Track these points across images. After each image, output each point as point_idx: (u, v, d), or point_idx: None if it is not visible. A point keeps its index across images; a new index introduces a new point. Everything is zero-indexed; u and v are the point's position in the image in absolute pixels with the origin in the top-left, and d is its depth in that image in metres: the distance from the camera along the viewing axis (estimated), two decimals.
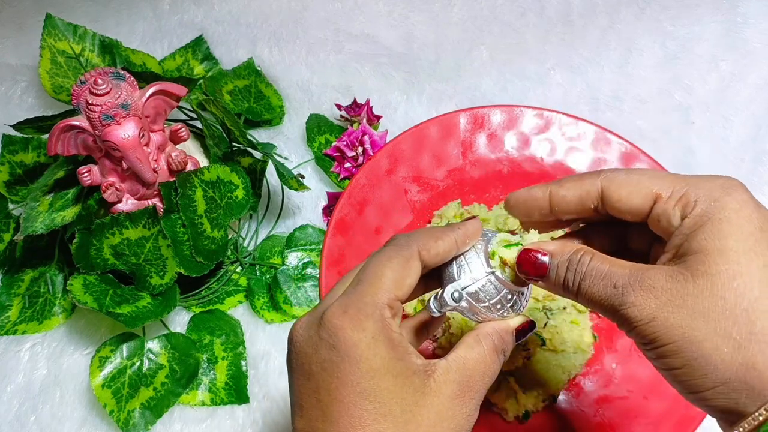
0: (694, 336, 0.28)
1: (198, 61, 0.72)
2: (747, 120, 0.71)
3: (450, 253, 0.36)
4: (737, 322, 0.28)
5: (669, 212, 0.31)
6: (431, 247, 0.35)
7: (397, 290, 0.33)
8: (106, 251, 0.55)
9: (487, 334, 0.35)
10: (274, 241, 0.64)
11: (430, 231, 0.35)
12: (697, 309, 0.29)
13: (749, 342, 0.28)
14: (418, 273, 0.34)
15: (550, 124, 0.63)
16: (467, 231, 0.36)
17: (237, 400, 0.58)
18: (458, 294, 0.35)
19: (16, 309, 0.60)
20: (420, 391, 0.32)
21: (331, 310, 0.32)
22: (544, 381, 0.54)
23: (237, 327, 0.60)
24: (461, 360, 0.34)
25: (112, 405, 0.55)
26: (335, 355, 0.31)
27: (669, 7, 0.77)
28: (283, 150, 0.69)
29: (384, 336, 0.32)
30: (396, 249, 0.34)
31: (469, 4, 0.78)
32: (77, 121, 0.52)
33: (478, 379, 0.34)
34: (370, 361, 0.31)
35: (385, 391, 0.31)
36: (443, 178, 0.63)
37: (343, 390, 0.31)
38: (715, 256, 0.29)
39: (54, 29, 0.65)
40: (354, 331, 0.31)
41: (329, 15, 0.77)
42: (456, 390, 0.32)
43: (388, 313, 0.32)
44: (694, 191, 0.31)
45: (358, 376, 0.31)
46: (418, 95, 0.73)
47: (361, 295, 0.32)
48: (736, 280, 0.28)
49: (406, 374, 0.32)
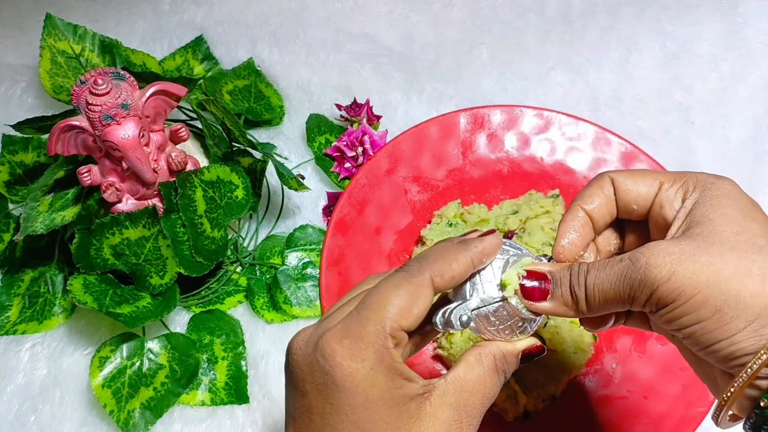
0: (719, 279, 0.29)
1: (198, 61, 0.72)
2: (747, 120, 0.71)
3: (465, 275, 0.34)
4: (756, 260, 0.29)
5: (671, 197, 0.34)
6: (446, 271, 0.33)
7: (402, 320, 0.31)
8: (106, 251, 0.55)
9: (490, 353, 0.34)
10: (274, 241, 0.64)
11: (443, 252, 0.34)
12: (714, 255, 0.30)
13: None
14: (429, 302, 0.33)
15: (550, 124, 0.63)
16: (485, 249, 0.34)
17: (237, 400, 0.58)
18: (467, 318, 0.33)
19: (16, 309, 0.60)
20: (415, 418, 0.31)
21: (330, 332, 0.31)
22: (544, 381, 0.54)
23: (237, 327, 0.60)
24: (459, 381, 0.33)
25: (112, 405, 0.55)
26: (330, 381, 0.31)
27: (669, 7, 0.77)
28: (283, 150, 0.69)
29: (384, 366, 0.31)
30: (407, 276, 0.32)
31: (469, 4, 0.78)
32: (77, 121, 0.52)
33: (476, 402, 0.33)
34: (366, 393, 0.30)
35: (379, 422, 0.30)
36: (443, 178, 0.63)
37: (336, 417, 0.31)
38: (719, 220, 0.31)
39: (54, 29, 0.65)
40: (352, 361, 0.30)
41: (329, 15, 0.77)
42: (453, 415, 0.32)
43: (390, 343, 0.31)
44: (692, 179, 0.34)
45: (352, 407, 0.30)
46: (418, 95, 0.73)
47: (363, 322, 0.31)
48: (741, 235, 0.30)
49: (403, 402, 0.31)
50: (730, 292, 0.29)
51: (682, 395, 0.53)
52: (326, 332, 0.31)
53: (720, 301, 0.29)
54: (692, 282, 0.29)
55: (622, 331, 0.57)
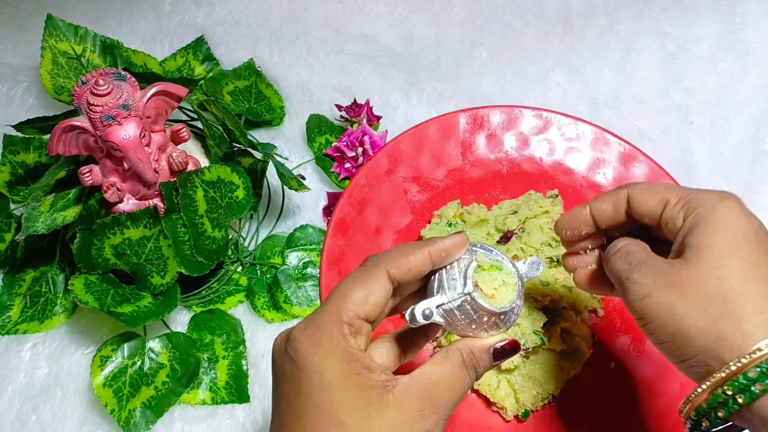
0: (676, 312, 0.35)
1: (199, 61, 0.72)
2: (746, 120, 0.71)
3: (423, 269, 0.36)
4: (714, 302, 0.34)
5: (674, 215, 0.38)
6: (401, 263, 0.36)
7: (359, 308, 0.34)
8: (107, 251, 0.55)
9: (456, 349, 0.36)
10: (274, 241, 0.64)
11: (402, 248, 0.37)
12: (683, 291, 0.35)
13: (722, 318, 0.33)
14: (386, 290, 0.36)
15: (549, 124, 0.63)
16: (445, 246, 0.37)
17: (237, 399, 0.58)
18: (429, 311, 0.35)
19: (17, 309, 0.60)
20: (374, 405, 0.33)
21: (296, 327, 0.35)
22: (544, 380, 0.55)
23: (237, 326, 0.60)
24: (426, 375, 0.35)
25: (113, 404, 0.55)
26: (294, 367, 0.34)
27: (668, 7, 0.77)
28: (284, 150, 0.70)
29: (339, 351, 0.33)
30: (364, 269, 0.36)
31: (469, 5, 0.78)
32: (78, 121, 0.52)
33: (443, 394, 0.34)
34: (321, 375, 0.33)
35: (336, 403, 0.32)
36: (443, 178, 0.63)
37: (298, 400, 0.33)
38: (705, 250, 0.35)
39: (55, 30, 0.65)
40: (309, 346, 0.34)
41: (329, 15, 0.77)
42: (416, 404, 0.33)
43: (346, 329, 0.34)
44: (695, 198, 0.37)
45: (309, 388, 0.33)
46: (418, 95, 0.73)
47: (322, 313, 0.35)
48: (717, 270, 0.34)
49: (361, 388, 0.33)
50: (680, 326, 0.34)
51: (681, 394, 0.53)
52: (295, 327, 0.35)
53: (673, 331, 0.35)
54: (656, 309, 0.35)
55: (620, 331, 0.58)
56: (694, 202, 0.37)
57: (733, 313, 0.33)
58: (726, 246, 0.35)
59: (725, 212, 0.36)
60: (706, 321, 0.34)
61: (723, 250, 0.35)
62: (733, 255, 0.35)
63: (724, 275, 0.34)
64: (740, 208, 0.36)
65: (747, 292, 0.34)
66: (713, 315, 0.33)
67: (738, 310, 0.33)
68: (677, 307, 0.34)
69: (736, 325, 0.33)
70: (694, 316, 0.34)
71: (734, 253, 0.35)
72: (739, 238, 0.35)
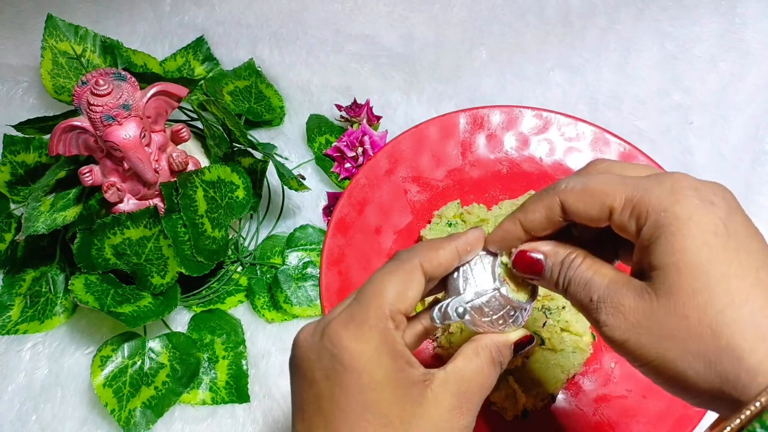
0: (667, 357, 0.29)
1: (199, 61, 0.72)
2: (746, 120, 0.71)
3: (453, 263, 0.36)
4: (704, 340, 0.28)
5: (625, 224, 0.31)
6: (432, 257, 0.35)
7: (399, 303, 0.33)
8: (107, 251, 0.55)
9: (486, 346, 0.35)
10: (274, 241, 0.64)
11: (431, 242, 0.36)
12: (664, 331, 0.29)
13: (719, 358, 0.27)
14: (422, 285, 0.35)
15: (549, 124, 0.63)
16: (468, 240, 0.36)
17: (238, 399, 0.58)
18: (462, 309, 0.35)
19: (17, 308, 0.60)
20: (418, 402, 0.32)
21: (336, 320, 0.33)
22: (544, 380, 0.55)
23: (238, 326, 0.60)
24: (459, 371, 0.34)
25: (114, 404, 0.55)
26: (338, 364, 0.32)
27: (668, 7, 0.77)
28: (284, 150, 0.70)
29: (387, 347, 0.32)
30: (398, 263, 0.35)
31: (469, 5, 0.78)
32: (78, 121, 0.52)
33: (475, 391, 0.34)
34: (372, 373, 0.31)
35: (386, 402, 0.31)
36: (443, 179, 0.63)
37: (345, 400, 0.31)
38: (673, 274, 0.28)
39: (55, 30, 0.65)
40: (357, 342, 0.32)
41: (329, 15, 0.77)
42: (454, 402, 0.33)
43: (391, 324, 0.33)
44: (644, 201, 0.30)
45: (360, 387, 0.31)
46: (418, 95, 0.73)
47: (364, 308, 0.33)
48: (695, 298, 0.28)
49: (406, 385, 0.32)
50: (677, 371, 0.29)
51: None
52: (331, 321, 0.33)
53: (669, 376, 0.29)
54: (643, 354, 0.29)
55: None
56: (644, 205, 0.30)
57: (729, 348, 0.27)
58: (695, 263, 0.28)
59: (684, 215, 0.29)
60: (701, 363, 0.28)
61: (694, 270, 0.28)
62: (711, 271, 0.28)
63: (705, 302, 0.28)
64: (699, 203, 0.29)
65: (740, 318, 0.27)
66: (707, 355, 0.27)
67: (733, 342, 0.27)
68: (664, 349, 0.29)
69: (737, 363, 0.27)
70: (686, 359, 0.28)
71: (709, 270, 0.28)
72: (708, 247, 0.28)
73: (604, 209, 0.31)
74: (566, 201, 0.33)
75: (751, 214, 0.30)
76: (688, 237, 0.28)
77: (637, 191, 0.30)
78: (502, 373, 0.54)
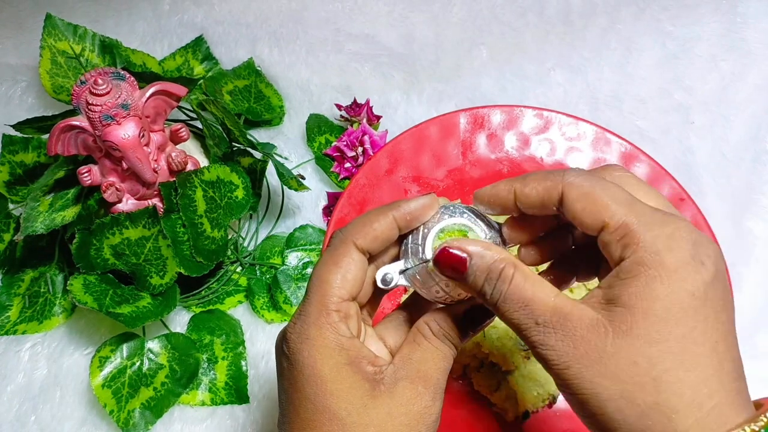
0: (600, 394, 0.28)
1: (198, 61, 0.72)
2: (747, 120, 0.71)
3: (391, 234, 0.34)
4: (644, 389, 0.27)
5: (611, 246, 0.30)
6: (367, 233, 0.34)
7: (340, 290, 0.34)
8: (106, 251, 0.55)
9: (423, 323, 0.35)
10: (274, 241, 0.64)
11: (366, 216, 0.35)
12: (609, 369, 0.28)
13: (651, 411, 0.27)
14: (360, 263, 0.34)
15: (550, 124, 0.63)
16: (409, 208, 0.34)
17: (237, 400, 0.58)
18: (390, 277, 0.35)
19: (16, 309, 0.60)
20: (369, 395, 0.32)
21: (288, 324, 0.34)
22: (544, 381, 0.54)
23: (237, 327, 0.60)
24: (406, 356, 0.34)
25: (112, 405, 0.55)
26: (289, 363, 0.34)
27: (669, 7, 0.77)
28: (283, 150, 0.69)
29: (329, 341, 0.33)
30: (331, 249, 0.35)
31: (469, 4, 0.78)
32: (77, 121, 0.52)
33: (430, 368, 0.34)
34: (313, 368, 0.32)
35: (329, 395, 0.32)
36: (443, 178, 0.63)
37: (296, 395, 0.33)
38: (639, 318, 0.28)
39: (54, 29, 0.64)
40: (299, 342, 0.33)
41: (329, 15, 0.77)
42: (409, 387, 0.33)
43: (334, 317, 0.33)
44: (641, 233, 0.29)
45: (303, 382, 0.33)
46: (418, 95, 0.73)
47: (307, 305, 0.34)
48: (651, 348, 0.28)
49: (353, 378, 0.33)
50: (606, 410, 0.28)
51: None
52: (288, 324, 0.35)
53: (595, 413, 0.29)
54: (579, 384, 0.29)
55: None
56: (637, 236, 0.29)
57: (665, 406, 0.27)
58: (664, 317, 0.28)
59: (672, 266, 0.28)
60: (632, 410, 0.28)
61: (660, 323, 0.28)
62: (674, 329, 0.28)
63: (658, 355, 0.27)
64: (692, 257, 0.28)
65: (684, 381, 0.27)
66: (641, 404, 0.27)
67: (670, 402, 0.27)
68: (601, 387, 0.28)
69: (666, 422, 0.27)
70: (619, 402, 0.28)
71: (675, 326, 0.28)
72: (684, 305, 0.28)
73: (597, 221, 0.30)
74: (567, 195, 0.31)
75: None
76: (667, 289, 0.28)
77: (637, 221, 0.29)
78: (503, 374, 0.54)
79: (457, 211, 0.35)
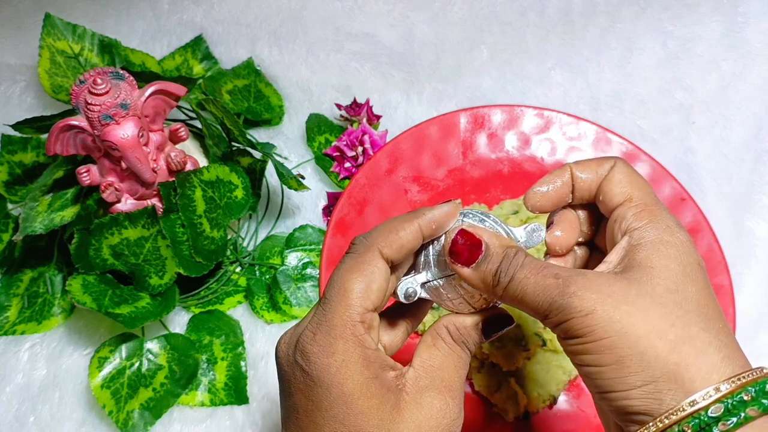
0: (632, 332, 0.29)
1: (197, 60, 0.72)
2: (747, 119, 0.71)
3: (415, 243, 0.34)
4: (675, 325, 0.29)
5: (628, 216, 0.33)
6: (393, 241, 0.33)
7: (365, 301, 0.32)
8: (105, 251, 0.55)
9: (442, 327, 0.34)
10: (273, 241, 0.64)
11: (390, 223, 0.34)
12: (636, 308, 0.29)
13: (684, 344, 0.29)
14: (386, 274, 0.33)
15: (551, 123, 0.63)
16: (434, 216, 0.34)
17: (236, 400, 0.58)
18: (412, 290, 0.34)
19: (15, 309, 0.60)
20: (396, 408, 0.31)
21: (304, 333, 0.32)
22: (545, 382, 0.54)
23: (236, 327, 0.60)
24: (426, 362, 0.33)
25: (111, 405, 0.54)
26: (309, 379, 0.31)
27: (669, 6, 0.76)
28: (283, 150, 0.69)
29: (356, 356, 0.31)
30: (356, 256, 0.33)
31: (469, 4, 0.77)
32: (76, 120, 0.52)
33: (451, 375, 0.33)
34: (341, 386, 0.31)
35: (359, 414, 0.31)
36: (443, 178, 0.63)
37: (318, 414, 0.31)
38: (660, 271, 0.31)
39: (53, 29, 0.64)
40: (324, 356, 0.31)
41: (329, 14, 0.77)
42: (434, 396, 0.32)
43: (360, 329, 0.32)
44: (657, 211, 0.33)
45: (329, 402, 0.31)
46: (418, 95, 0.72)
47: (330, 315, 0.32)
48: (675, 295, 0.30)
49: (381, 393, 0.31)
50: (638, 348, 0.29)
51: None
52: (302, 333, 0.32)
53: (624, 354, 0.29)
54: (606, 326, 0.29)
55: None
56: (656, 214, 0.33)
57: (695, 339, 0.29)
58: (682, 273, 0.31)
59: (682, 239, 0.32)
60: (664, 345, 0.29)
61: (679, 276, 0.30)
62: (690, 285, 0.30)
63: (684, 300, 0.30)
64: (691, 241, 0.33)
65: (709, 327, 0.30)
66: (672, 339, 0.29)
67: (700, 337, 0.29)
68: (631, 325, 0.29)
69: (700, 354, 0.29)
70: (651, 337, 0.29)
71: (691, 284, 0.31)
72: (693, 270, 0.31)
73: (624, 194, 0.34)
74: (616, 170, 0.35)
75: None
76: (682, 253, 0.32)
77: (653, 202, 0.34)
78: (503, 375, 0.54)
79: (477, 218, 0.35)
